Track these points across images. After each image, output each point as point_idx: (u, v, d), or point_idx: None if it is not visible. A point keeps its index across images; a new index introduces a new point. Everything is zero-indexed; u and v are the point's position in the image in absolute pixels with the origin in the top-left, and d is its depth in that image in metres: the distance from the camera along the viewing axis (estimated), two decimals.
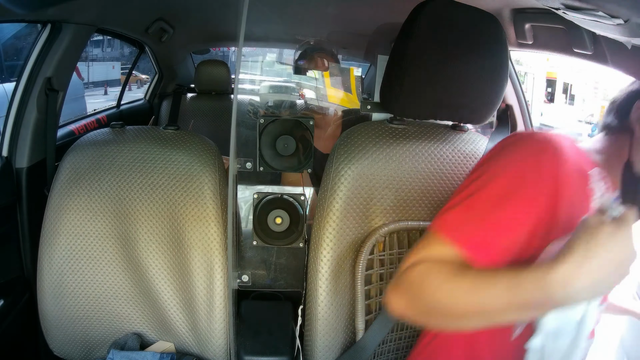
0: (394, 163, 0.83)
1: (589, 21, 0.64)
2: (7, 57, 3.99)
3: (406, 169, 0.83)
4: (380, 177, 0.83)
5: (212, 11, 1.79)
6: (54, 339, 0.97)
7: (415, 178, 0.84)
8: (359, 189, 0.82)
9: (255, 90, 1.41)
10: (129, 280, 0.95)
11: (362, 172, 0.82)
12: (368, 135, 0.84)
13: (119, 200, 0.93)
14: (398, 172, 0.83)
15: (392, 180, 0.83)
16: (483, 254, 0.58)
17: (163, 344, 0.96)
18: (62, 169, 0.95)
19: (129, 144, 0.96)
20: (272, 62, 2.32)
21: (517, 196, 0.59)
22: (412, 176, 0.83)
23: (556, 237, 0.56)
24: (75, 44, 1.21)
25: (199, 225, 0.92)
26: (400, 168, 0.83)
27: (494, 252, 0.58)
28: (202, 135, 1.00)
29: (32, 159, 1.15)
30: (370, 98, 0.95)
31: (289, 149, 0.98)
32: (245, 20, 0.69)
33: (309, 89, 1.31)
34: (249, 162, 0.99)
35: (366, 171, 0.82)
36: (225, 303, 0.92)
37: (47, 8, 1.03)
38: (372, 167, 0.82)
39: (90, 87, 7.78)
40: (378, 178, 0.83)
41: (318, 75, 1.31)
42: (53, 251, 0.93)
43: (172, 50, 2.25)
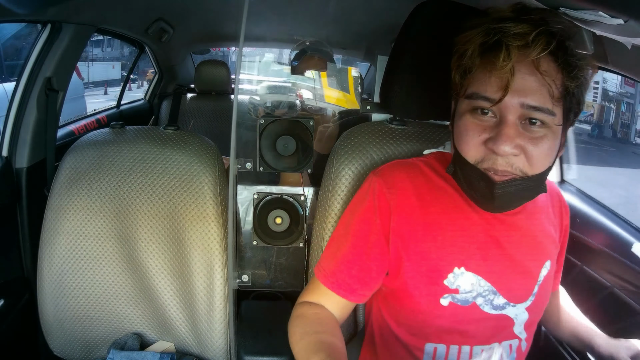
0: None
1: (589, 21, 0.64)
2: (7, 57, 4.00)
3: None
4: None
5: (212, 11, 1.79)
6: (54, 339, 0.97)
7: None
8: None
9: (254, 90, 1.41)
10: (129, 280, 0.95)
11: (362, 173, 0.82)
12: (368, 136, 0.84)
13: (119, 200, 0.93)
14: None
15: None
16: (343, 289, 0.69)
17: (163, 344, 0.96)
18: (62, 169, 0.95)
19: (129, 144, 0.96)
20: (270, 62, 2.32)
21: (357, 229, 0.70)
22: None
23: (400, 244, 0.67)
24: (75, 44, 1.21)
25: (199, 225, 0.92)
26: None
27: (352, 285, 0.69)
28: (202, 135, 1.00)
29: (32, 159, 1.15)
30: (370, 98, 0.95)
31: (289, 149, 0.98)
32: (245, 20, 0.69)
33: (307, 89, 1.31)
34: (248, 162, 0.99)
35: (366, 171, 0.82)
36: (225, 303, 0.92)
37: (47, 8, 1.03)
38: (372, 167, 0.82)
39: (90, 87, 7.78)
40: None
41: (315, 75, 1.31)
42: (53, 251, 0.93)
43: (172, 50, 2.25)
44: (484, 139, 0.61)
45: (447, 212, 0.68)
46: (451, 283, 0.67)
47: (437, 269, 0.67)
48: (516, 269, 0.69)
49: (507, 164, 0.60)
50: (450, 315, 0.68)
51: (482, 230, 0.68)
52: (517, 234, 0.69)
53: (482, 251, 0.68)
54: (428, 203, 0.68)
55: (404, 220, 0.67)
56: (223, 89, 2.31)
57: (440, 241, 0.67)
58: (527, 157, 0.60)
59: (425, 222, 0.67)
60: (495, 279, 0.68)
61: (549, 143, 0.60)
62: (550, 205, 0.75)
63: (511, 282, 0.69)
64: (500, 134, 0.59)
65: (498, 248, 0.68)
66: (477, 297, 0.68)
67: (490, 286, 0.68)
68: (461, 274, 0.67)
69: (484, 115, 0.61)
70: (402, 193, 0.68)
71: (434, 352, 0.69)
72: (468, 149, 0.62)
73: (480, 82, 0.60)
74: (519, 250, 0.69)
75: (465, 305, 0.67)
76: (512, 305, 0.70)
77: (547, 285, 0.73)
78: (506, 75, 0.57)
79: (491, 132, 0.60)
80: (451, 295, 0.67)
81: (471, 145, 0.62)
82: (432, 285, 0.67)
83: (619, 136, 9.72)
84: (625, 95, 9.80)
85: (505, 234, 0.69)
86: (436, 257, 0.67)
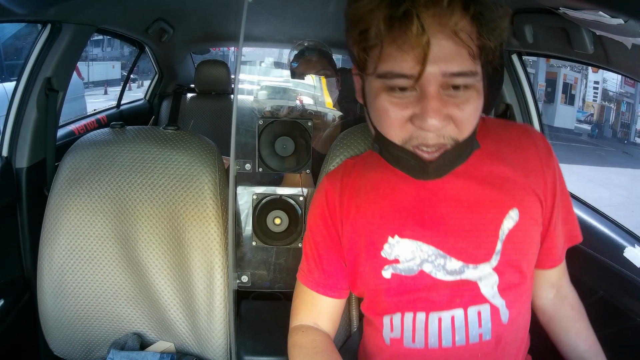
0: None
1: (589, 21, 0.64)
2: (7, 57, 4.00)
3: None
4: None
5: (212, 11, 1.79)
6: (54, 339, 0.97)
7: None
8: None
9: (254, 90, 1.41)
10: (129, 280, 0.95)
11: None
12: (365, 136, 0.84)
13: (119, 200, 0.93)
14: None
15: None
16: (322, 287, 0.72)
17: (163, 344, 0.96)
18: (62, 169, 0.95)
19: (129, 144, 0.96)
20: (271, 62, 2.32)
21: (315, 228, 0.73)
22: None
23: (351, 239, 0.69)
24: (75, 44, 1.21)
25: (199, 225, 0.92)
26: None
27: (327, 281, 0.71)
28: (202, 135, 1.00)
29: (32, 159, 1.15)
30: None
31: (288, 150, 0.98)
32: (245, 20, 0.69)
33: (307, 92, 1.31)
34: (248, 163, 0.99)
35: None
36: (225, 303, 0.92)
37: (47, 8, 1.03)
38: None
39: (90, 86, 7.79)
40: None
41: (316, 79, 1.31)
42: (53, 251, 0.93)
43: (172, 50, 2.25)
44: (407, 117, 0.57)
45: (376, 187, 0.69)
46: (388, 254, 0.66)
47: (371, 242, 0.67)
48: (465, 226, 0.64)
49: (438, 136, 0.57)
50: (397, 286, 0.66)
51: (414, 195, 0.66)
52: (457, 188, 0.65)
53: (417, 216, 0.65)
54: (361, 185, 0.70)
55: (346, 208, 0.70)
56: (223, 89, 2.31)
57: (370, 216, 0.68)
58: (456, 124, 0.57)
59: (357, 203, 0.69)
60: (439, 240, 0.64)
61: (475, 103, 0.57)
62: (517, 148, 0.68)
63: (462, 242, 0.64)
64: (425, 109, 0.55)
65: (435, 208, 0.65)
66: (423, 263, 0.64)
67: (435, 250, 0.64)
68: (397, 242, 0.65)
69: (403, 92, 0.56)
70: (342, 186, 0.72)
71: (390, 322, 0.67)
72: (392, 130, 0.59)
73: (393, 58, 0.55)
74: (464, 205, 0.64)
75: (411, 275, 0.65)
76: (473, 267, 0.63)
77: (519, 240, 0.64)
78: (422, 48, 0.52)
79: (415, 107, 0.56)
80: (392, 266, 0.66)
81: (395, 126, 0.58)
82: (371, 259, 0.67)
83: (619, 136, 9.72)
84: (625, 95, 9.80)
85: (441, 191, 0.65)
86: (369, 231, 0.67)
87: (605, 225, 1.07)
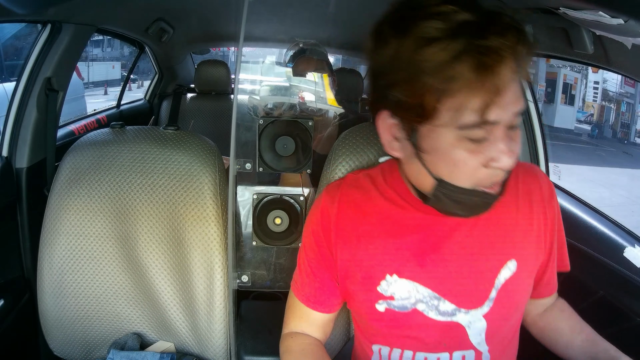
0: None
1: (589, 21, 0.65)
2: (7, 57, 4.00)
3: None
4: None
5: (212, 11, 1.79)
6: (54, 339, 0.97)
7: None
8: None
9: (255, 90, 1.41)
10: (129, 280, 0.95)
11: None
12: (366, 137, 0.84)
13: (119, 200, 0.93)
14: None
15: None
16: (312, 302, 0.72)
17: (163, 344, 0.96)
18: (62, 169, 0.95)
19: (129, 144, 0.96)
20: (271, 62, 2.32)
21: (309, 243, 0.72)
22: None
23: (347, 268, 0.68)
24: (75, 44, 1.21)
25: (199, 225, 0.92)
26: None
27: (319, 297, 0.72)
28: (202, 135, 1.00)
29: (32, 159, 1.15)
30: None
31: (288, 149, 0.98)
32: (245, 20, 0.69)
33: (308, 91, 1.31)
34: (248, 162, 0.99)
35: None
36: (225, 303, 0.92)
37: (47, 8, 1.03)
38: (369, 168, 0.82)
39: (90, 86, 7.79)
40: None
41: (317, 77, 1.31)
42: (53, 251, 0.93)
43: (172, 51, 2.25)
44: (482, 162, 0.55)
45: (382, 222, 0.67)
46: (384, 290, 0.66)
47: (369, 277, 0.67)
48: (463, 272, 0.65)
49: (505, 172, 0.58)
50: (389, 320, 0.67)
51: (418, 236, 0.66)
52: (461, 234, 0.65)
53: (418, 257, 0.65)
54: (364, 214, 0.68)
55: (342, 232, 0.68)
56: (223, 89, 2.31)
57: (372, 250, 0.67)
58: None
59: (358, 233, 0.67)
60: (436, 284, 0.65)
61: (519, 133, 0.58)
62: (521, 193, 0.68)
63: (458, 287, 0.65)
64: (503, 152, 0.54)
65: (437, 252, 0.65)
66: (418, 303, 0.65)
67: (431, 292, 0.65)
68: (394, 281, 0.66)
69: (480, 139, 0.54)
70: (340, 207, 0.69)
71: (379, 352, 0.70)
72: (465, 178, 0.57)
73: (480, 107, 0.51)
74: (465, 252, 0.65)
75: (404, 311, 0.66)
76: (465, 312, 0.65)
77: (513, 289, 0.66)
78: (509, 94, 0.52)
79: (487, 151, 0.55)
80: (386, 302, 0.66)
81: (470, 173, 0.56)
82: (367, 291, 0.67)
83: (619, 136, 9.72)
84: (625, 95, 9.80)
85: (446, 236, 0.65)
86: (368, 265, 0.67)
87: (605, 225, 1.07)
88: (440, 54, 0.50)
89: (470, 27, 0.50)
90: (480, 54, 0.49)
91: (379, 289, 0.66)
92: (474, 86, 0.50)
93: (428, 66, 0.51)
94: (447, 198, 0.59)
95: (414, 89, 0.53)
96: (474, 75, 0.50)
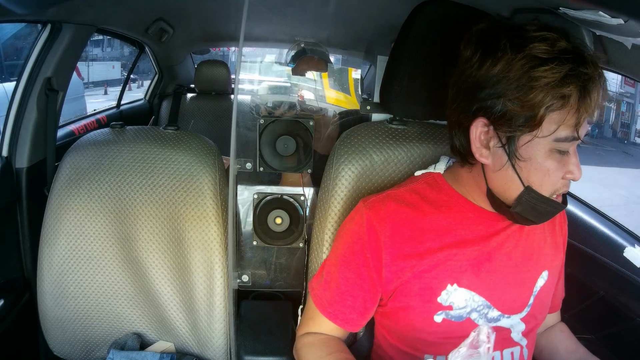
0: (394, 163, 0.83)
1: (589, 21, 0.64)
2: (7, 57, 4.00)
3: (406, 170, 0.83)
4: (380, 178, 0.83)
5: (212, 11, 1.79)
6: (54, 339, 0.97)
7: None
8: (359, 190, 0.83)
9: (254, 90, 1.42)
10: (129, 280, 0.95)
11: (362, 173, 0.82)
12: (368, 136, 0.84)
13: (119, 200, 0.93)
14: (397, 173, 0.83)
15: (392, 180, 0.83)
16: (341, 319, 0.72)
17: (163, 344, 0.96)
18: (62, 169, 0.95)
19: (129, 144, 0.96)
20: (271, 63, 2.32)
21: (348, 261, 0.71)
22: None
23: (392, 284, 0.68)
24: (75, 44, 1.21)
25: (199, 225, 0.92)
26: (399, 168, 0.83)
27: (348, 315, 0.72)
28: (202, 135, 1.00)
29: (32, 159, 1.15)
30: (370, 98, 0.95)
31: (289, 149, 0.98)
32: (245, 20, 0.69)
33: (308, 90, 1.31)
34: (249, 162, 0.99)
35: (366, 172, 0.82)
36: (225, 303, 0.92)
37: (47, 8, 1.02)
38: (372, 167, 0.82)
39: (90, 86, 7.79)
40: (378, 178, 0.83)
41: (316, 76, 1.31)
42: (53, 251, 0.93)
43: (172, 50, 2.25)
44: (562, 174, 0.63)
45: (441, 237, 0.69)
46: (444, 300, 0.68)
47: (430, 287, 0.68)
48: (509, 281, 0.70)
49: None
50: (444, 331, 0.69)
51: (474, 247, 0.69)
52: (510, 245, 0.70)
53: (474, 266, 0.68)
54: (422, 231, 0.69)
55: (397, 252, 0.68)
56: (223, 89, 2.31)
57: (433, 263, 0.68)
58: None
59: (419, 252, 0.68)
60: (489, 292, 0.69)
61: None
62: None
63: (505, 295, 0.70)
64: (576, 165, 0.62)
65: (490, 261, 0.69)
66: (472, 312, 0.69)
67: (484, 300, 0.69)
68: (454, 290, 0.68)
69: (565, 151, 0.62)
70: (393, 226, 0.69)
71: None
72: (549, 187, 0.63)
73: (576, 123, 0.60)
74: (512, 262, 0.70)
75: (459, 321, 0.69)
76: (507, 317, 0.71)
77: (544, 296, 0.74)
78: (594, 113, 0.60)
79: (566, 164, 0.62)
80: (445, 312, 0.68)
81: (554, 181, 0.63)
82: (426, 303, 0.68)
83: (619, 136, 9.72)
84: (625, 95, 9.80)
85: (498, 247, 0.69)
86: (429, 276, 0.68)
87: (605, 225, 1.07)
88: (552, 74, 0.57)
89: (569, 53, 0.58)
90: (582, 79, 0.58)
91: (439, 299, 0.68)
92: (576, 106, 0.58)
93: (541, 83, 0.58)
94: (528, 205, 0.64)
95: (526, 100, 0.59)
96: (576, 96, 0.58)
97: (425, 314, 0.68)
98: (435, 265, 0.68)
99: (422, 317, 0.69)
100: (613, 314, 0.96)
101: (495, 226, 0.69)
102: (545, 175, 0.62)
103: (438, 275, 0.68)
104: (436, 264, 0.68)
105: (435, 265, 0.68)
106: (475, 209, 0.70)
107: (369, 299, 0.71)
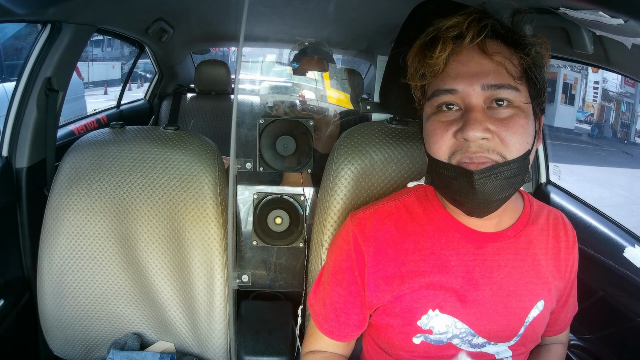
0: (394, 163, 0.83)
1: (589, 21, 0.64)
2: (7, 57, 4.00)
3: (405, 169, 0.83)
4: (379, 178, 0.83)
5: (212, 11, 1.79)
6: (54, 339, 0.97)
7: (415, 178, 0.84)
8: (359, 189, 0.83)
9: (255, 90, 1.42)
10: (129, 280, 0.95)
11: (362, 173, 0.82)
12: (368, 136, 0.84)
13: (119, 200, 0.93)
14: (397, 172, 0.83)
15: (392, 180, 0.83)
16: (336, 334, 0.73)
17: (163, 344, 0.96)
18: (62, 169, 0.95)
19: (129, 144, 0.96)
20: (272, 62, 2.32)
21: (339, 278, 0.71)
22: (411, 176, 0.83)
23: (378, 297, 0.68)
24: (75, 44, 1.21)
25: (199, 225, 0.92)
26: (399, 168, 0.83)
27: (344, 330, 0.73)
28: (202, 135, 1.00)
29: (32, 159, 1.15)
30: (370, 98, 0.95)
31: (289, 149, 0.98)
32: (245, 20, 0.69)
33: (309, 90, 1.31)
34: (248, 162, 0.99)
35: (366, 171, 0.82)
36: (225, 303, 0.92)
37: (47, 8, 1.02)
38: (371, 167, 0.82)
39: (90, 86, 7.79)
40: (377, 178, 0.83)
41: (318, 76, 1.31)
42: (53, 251, 0.93)
43: (172, 50, 2.25)
44: (452, 132, 0.59)
45: (425, 259, 0.67)
46: (424, 324, 0.67)
47: (410, 310, 0.67)
48: (499, 311, 0.67)
49: (481, 148, 0.58)
50: (423, 352, 0.68)
51: (461, 274, 0.66)
52: (502, 273, 0.67)
53: (460, 294, 0.66)
54: (406, 252, 0.67)
55: (380, 273, 0.68)
56: (223, 89, 2.31)
57: (416, 286, 0.66)
58: (501, 140, 0.58)
59: (401, 273, 0.67)
60: (473, 321, 0.67)
61: (521, 121, 0.59)
62: (552, 237, 0.71)
63: (492, 325, 0.67)
64: (467, 120, 0.58)
65: (477, 290, 0.66)
66: (453, 338, 0.67)
67: (467, 328, 0.67)
68: (435, 315, 0.66)
69: (449, 110, 0.61)
70: (377, 245, 0.68)
71: None
72: (438, 147, 0.61)
73: (436, 80, 0.62)
74: (503, 292, 0.67)
75: (439, 345, 0.67)
76: (493, 344, 0.68)
77: (538, 325, 0.70)
78: (455, 64, 0.60)
79: (459, 123, 0.59)
80: (424, 335, 0.67)
81: (441, 142, 0.60)
82: (406, 325, 0.67)
83: (619, 136, 9.72)
84: (625, 95, 9.79)
85: (487, 275, 0.67)
86: (411, 299, 0.67)
87: (605, 225, 1.07)
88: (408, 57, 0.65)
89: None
90: (423, 37, 0.63)
91: (419, 322, 0.67)
92: (425, 67, 0.62)
93: (411, 72, 0.66)
94: (436, 176, 0.63)
95: (415, 90, 0.67)
96: (420, 58, 0.64)
97: (404, 335, 0.68)
98: (418, 289, 0.66)
99: (401, 337, 0.68)
100: (613, 314, 0.96)
101: (483, 248, 0.66)
102: (431, 134, 0.62)
103: (419, 299, 0.66)
104: (418, 288, 0.66)
105: (418, 289, 0.66)
106: (461, 229, 0.67)
107: (362, 313, 0.71)
